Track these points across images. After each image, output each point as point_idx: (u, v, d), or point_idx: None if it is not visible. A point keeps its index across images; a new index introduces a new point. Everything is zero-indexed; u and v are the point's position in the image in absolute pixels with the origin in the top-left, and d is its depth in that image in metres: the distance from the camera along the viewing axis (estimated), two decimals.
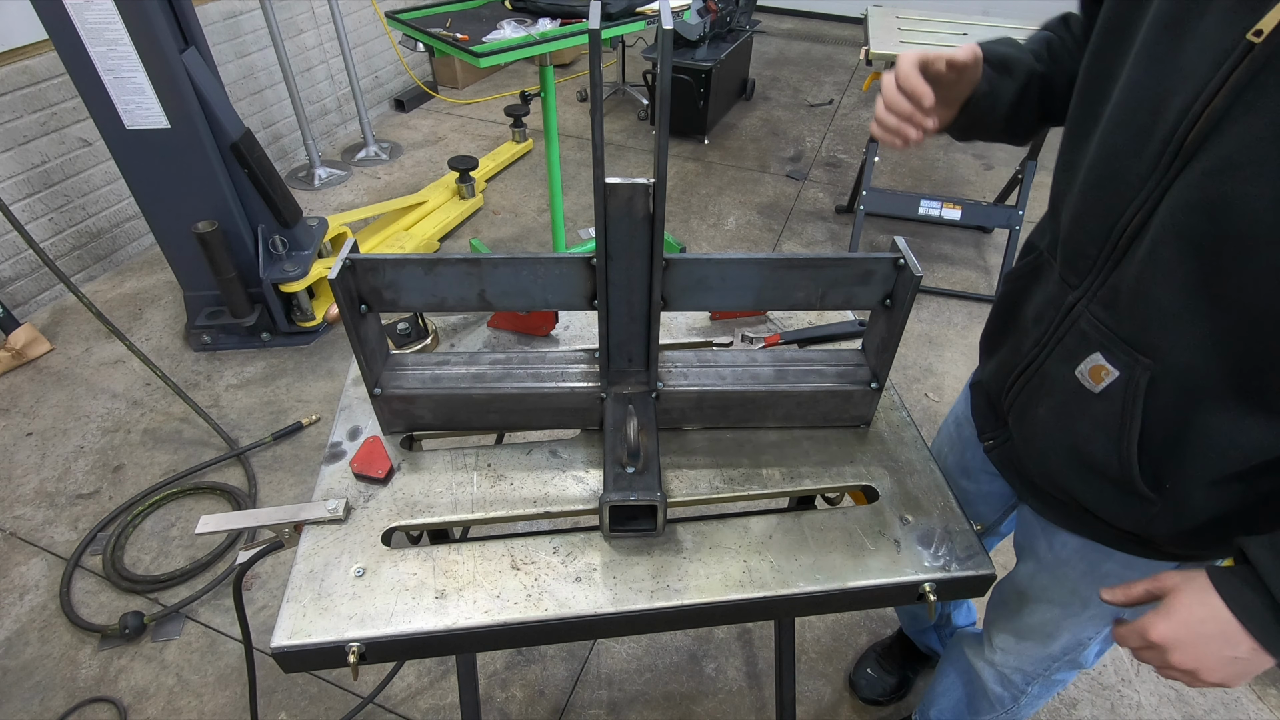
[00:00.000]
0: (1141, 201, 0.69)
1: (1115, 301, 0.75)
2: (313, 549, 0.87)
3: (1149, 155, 0.67)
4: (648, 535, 0.89)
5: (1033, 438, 0.89)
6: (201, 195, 2.29)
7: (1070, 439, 0.83)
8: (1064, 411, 0.83)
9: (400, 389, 0.97)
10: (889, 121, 0.83)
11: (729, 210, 3.56)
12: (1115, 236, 0.73)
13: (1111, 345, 0.75)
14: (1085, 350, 0.78)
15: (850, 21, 5.89)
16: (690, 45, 4.03)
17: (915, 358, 2.70)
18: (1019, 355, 0.90)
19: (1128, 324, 0.74)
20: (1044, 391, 0.85)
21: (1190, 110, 0.63)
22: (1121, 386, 0.75)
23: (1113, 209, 0.72)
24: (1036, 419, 0.87)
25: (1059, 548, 0.97)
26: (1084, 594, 0.97)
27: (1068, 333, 0.81)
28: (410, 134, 4.21)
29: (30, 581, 1.89)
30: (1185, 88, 0.64)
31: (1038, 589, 1.04)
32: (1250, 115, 0.59)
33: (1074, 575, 0.97)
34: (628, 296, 0.90)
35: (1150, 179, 0.68)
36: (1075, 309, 0.79)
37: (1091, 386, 0.78)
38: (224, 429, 2.28)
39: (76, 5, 1.93)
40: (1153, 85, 0.67)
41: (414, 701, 1.69)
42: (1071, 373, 0.80)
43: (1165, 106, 0.66)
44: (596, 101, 0.72)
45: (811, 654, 1.81)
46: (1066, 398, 0.82)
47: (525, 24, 2.34)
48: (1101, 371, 0.76)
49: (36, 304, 2.80)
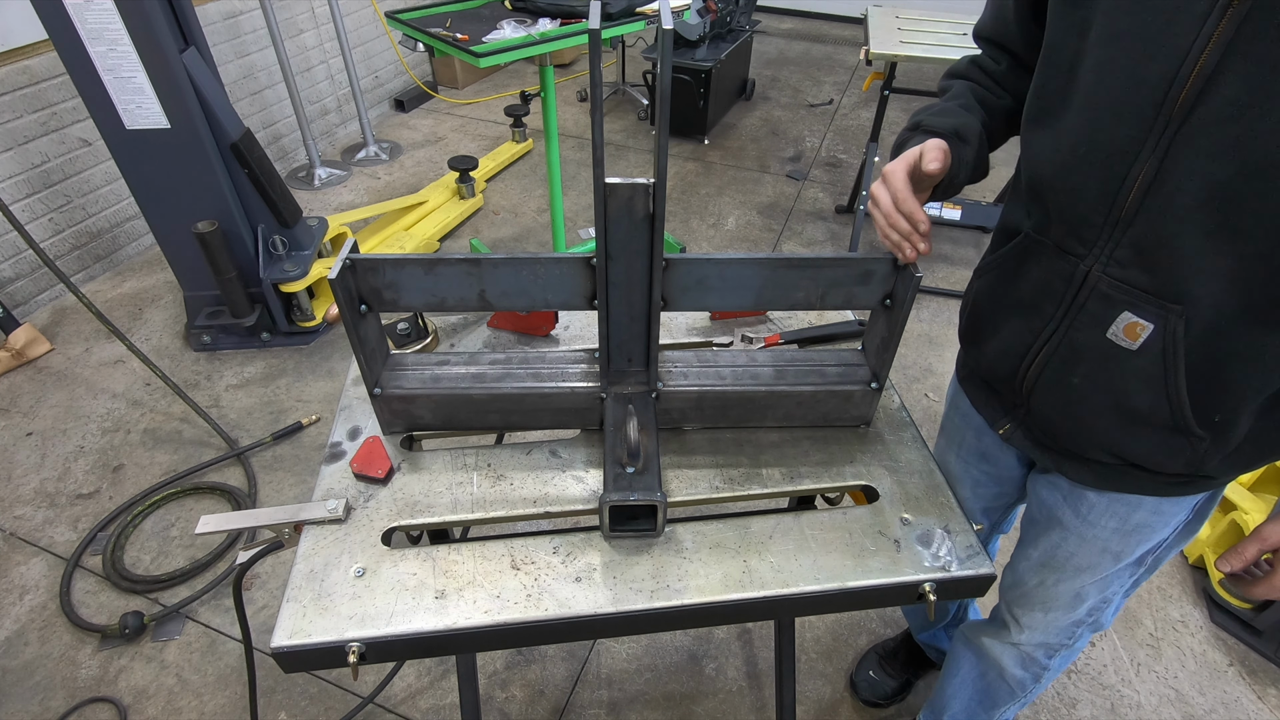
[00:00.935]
0: (1144, 161, 0.72)
1: (1135, 259, 0.77)
2: (313, 549, 0.87)
3: (1140, 120, 0.71)
4: (648, 535, 0.89)
5: (1069, 408, 0.90)
6: (201, 195, 2.29)
7: (1114, 399, 0.84)
8: (1103, 375, 0.84)
9: (400, 389, 0.97)
10: (893, 237, 0.86)
11: (729, 210, 3.56)
12: (1122, 200, 0.75)
13: (1140, 301, 0.78)
14: (1112, 312, 0.80)
15: (850, 21, 5.90)
16: (690, 45, 4.03)
17: (915, 358, 2.70)
18: (1030, 334, 0.90)
19: (1153, 277, 0.76)
20: (1075, 360, 0.86)
21: (1179, 73, 0.67)
22: (1159, 338, 0.77)
23: (1112, 176, 0.75)
24: (1071, 388, 0.88)
25: (1087, 510, 0.99)
26: (1115, 549, 1.00)
27: (1088, 299, 0.82)
28: (410, 134, 4.21)
29: (30, 581, 1.89)
30: (1164, 53, 0.68)
31: (1064, 557, 1.05)
32: (1247, 62, 0.64)
33: (1104, 534, 0.99)
34: (628, 296, 0.90)
35: (1149, 140, 0.71)
36: (1090, 276, 0.81)
37: (1128, 344, 0.80)
38: (224, 429, 2.28)
39: (76, 5, 1.93)
40: (1128, 57, 0.71)
41: (414, 701, 1.69)
42: (1103, 336, 0.82)
43: (1147, 73, 0.69)
44: (596, 101, 0.72)
45: (811, 654, 1.81)
46: (1103, 361, 0.83)
47: (525, 24, 2.34)
48: (1137, 328, 0.79)
49: (36, 304, 2.80)
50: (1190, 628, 1.88)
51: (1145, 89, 0.70)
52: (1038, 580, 1.11)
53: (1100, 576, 1.04)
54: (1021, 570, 1.15)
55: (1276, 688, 1.76)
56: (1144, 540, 0.99)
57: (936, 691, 1.48)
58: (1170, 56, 0.67)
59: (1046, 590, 1.11)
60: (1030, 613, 1.15)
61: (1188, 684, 1.76)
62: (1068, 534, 1.03)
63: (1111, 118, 0.73)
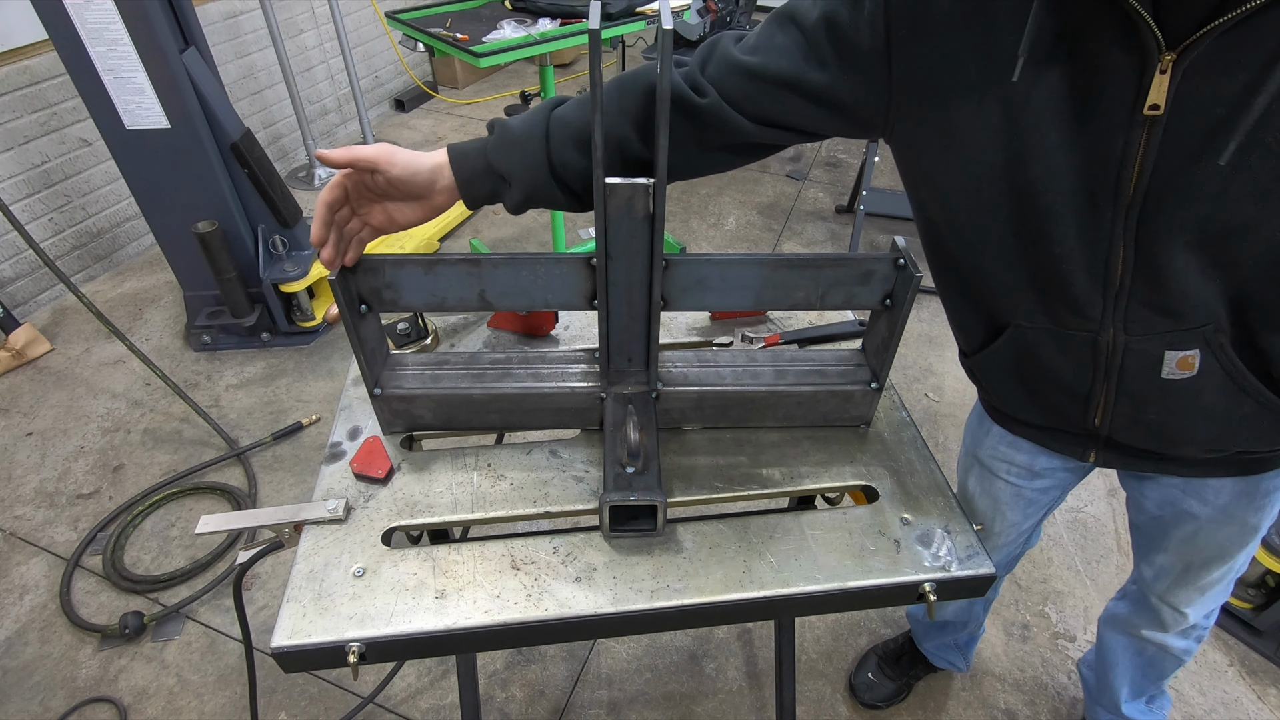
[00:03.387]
0: (1120, 242, 0.73)
1: (1150, 314, 0.78)
2: (313, 549, 0.87)
3: (1102, 215, 0.72)
4: (648, 535, 0.89)
5: (1153, 437, 0.91)
6: (201, 195, 2.29)
7: (1202, 413, 0.85)
8: (1178, 406, 0.85)
9: (400, 389, 0.97)
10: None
11: (729, 210, 3.56)
12: (1113, 278, 0.76)
13: (1177, 340, 0.78)
14: (1155, 358, 0.81)
15: None
16: (690, 45, 4.02)
17: (915, 358, 2.70)
18: (1079, 393, 0.90)
19: (1176, 318, 0.77)
20: (1142, 404, 0.86)
21: (1121, 173, 0.69)
22: (1213, 357, 0.78)
23: (1094, 263, 0.76)
24: (1150, 421, 0.88)
25: (1215, 496, 1.01)
26: (1254, 521, 1.03)
27: (1124, 358, 0.82)
28: (410, 134, 4.21)
29: (30, 581, 1.89)
30: (1102, 159, 0.70)
31: (1204, 544, 1.07)
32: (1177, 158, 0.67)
33: (1242, 512, 1.01)
34: (628, 296, 0.90)
35: (1116, 226, 0.72)
36: (1114, 340, 0.81)
37: (1187, 374, 0.81)
38: (224, 429, 2.28)
39: (76, 5, 1.93)
40: (1067, 165, 0.71)
41: (414, 701, 1.69)
42: (1158, 378, 0.82)
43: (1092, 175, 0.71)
44: (597, 101, 0.72)
45: (811, 654, 1.81)
46: (1171, 397, 0.84)
47: (525, 24, 2.34)
48: (1189, 359, 0.79)
49: (36, 304, 2.80)
50: None
51: (1101, 188, 0.71)
52: (1184, 570, 1.14)
53: (1246, 547, 1.07)
54: (1162, 565, 1.16)
55: (1276, 688, 1.76)
56: (1276, 502, 1.01)
57: (1098, 689, 1.50)
58: (1110, 159, 0.69)
59: (1199, 578, 1.13)
60: (1190, 600, 1.18)
61: (1188, 684, 1.76)
62: (1203, 524, 1.04)
63: (1076, 219, 0.74)
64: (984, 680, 1.76)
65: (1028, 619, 1.88)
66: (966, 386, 2.53)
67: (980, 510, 1.24)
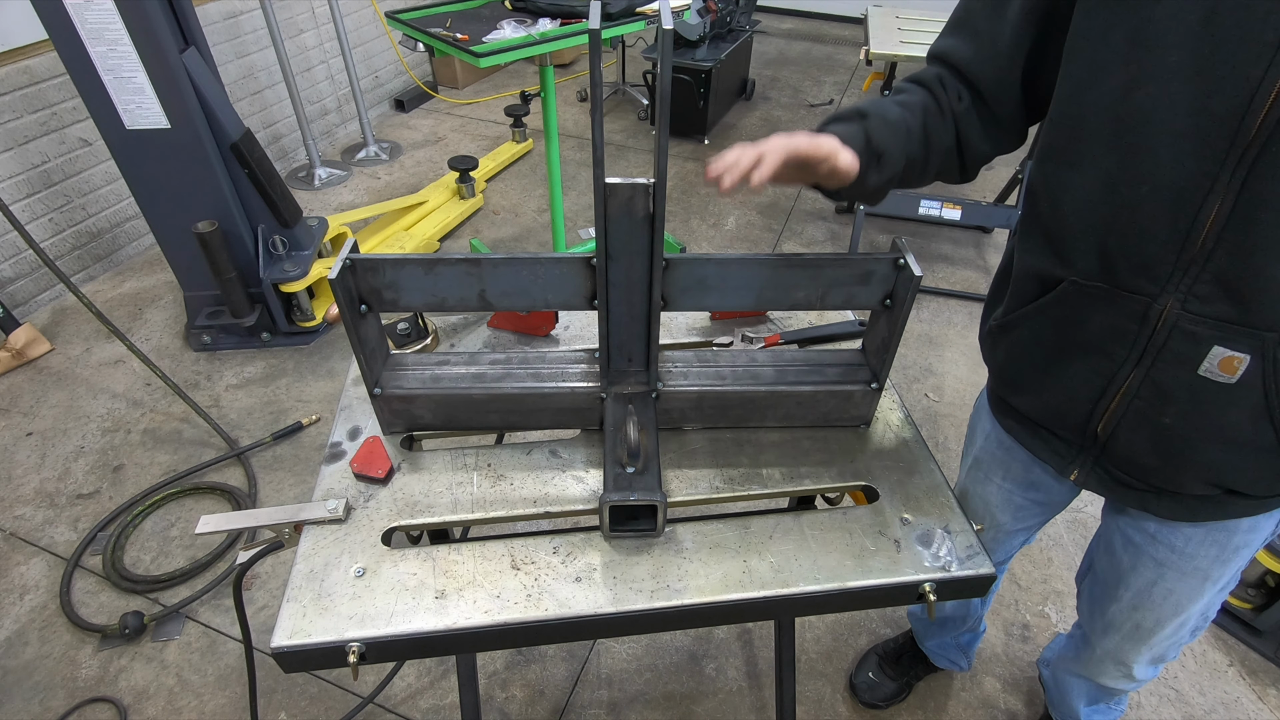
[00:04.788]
0: (1219, 195, 0.69)
1: (1219, 293, 0.73)
2: (313, 549, 0.87)
3: (1210, 154, 0.68)
4: (648, 535, 0.89)
5: (1160, 447, 0.86)
6: (201, 195, 2.29)
7: (1219, 433, 0.81)
8: (1200, 412, 0.81)
9: (400, 389, 0.97)
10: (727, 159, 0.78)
11: (729, 210, 3.56)
12: (1196, 236, 0.72)
13: (1232, 335, 0.74)
14: (1200, 349, 0.76)
15: (850, 21, 5.89)
16: (690, 45, 4.03)
17: (915, 358, 2.70)
18: (1099, 379, 0.86)
19: (1242, 309, 0.73)
20: (1164, 401, 0.82)
21: (1252, 105, 0.64)
22: (1259, 367, 0.74)
23: (1183, 213, 0.71)
24: (1162, 429, 0.84)
25: (1183, 544, 0.98)
26: (1215, 574, 1.00)
27: (1168, 339, 0.78)
28: (410, 134, 4.21)
29: (30, 581, 1.89)
30: (1233, 85, 0.65)
31: (1163, 594, 1.04)
32: None
33: (1205, 563, 0.98)
34: (628, 296, 0.90)
35: (1222, 175, 0.68)
36: (1168, 314, 0.77)
37: (1226, 379, 0.77)
38: (224, 429, 2.28)
39: (76, 5, 1.93)
40: (1191, 91, 0.67)
41: (414, 701, 1.69)
42: (1193, 374, 0.78)
43: (1215, 106, 0.66)
44: (596, 101, 0.72)
45: (811, 654, 1.81)
46: (1198, 399, 0.80)
47: (525, 24, 2.34)
48: (1234, 362, 0.75)
49: (36, 304, 2.80)
50: None
51: (1214, 122, 0.66)
52: (1134, 623, 1.11)
53: (1203, 601, 1.03)
54: (1114, 614, 1.13)
55: (1276, 688, 1.76)
56: (1242, 559, 0.98)
57: (1057, 697, 1.50)
58: (1239, 88, 0.64)
59: (1148, 630, 1.10)
60: (1139, 655, 1.16)
61: (1188, 684, 1.76)
62: (1165, 570, 1.01)
63: (1175, 156, 0.70)
64: (984, 680, 1.76)
65: (1028, 619, 1.88)
66: (967, 386, 2.53)
67: (972, 510, 1.24)
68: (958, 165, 0.93)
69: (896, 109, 0.87)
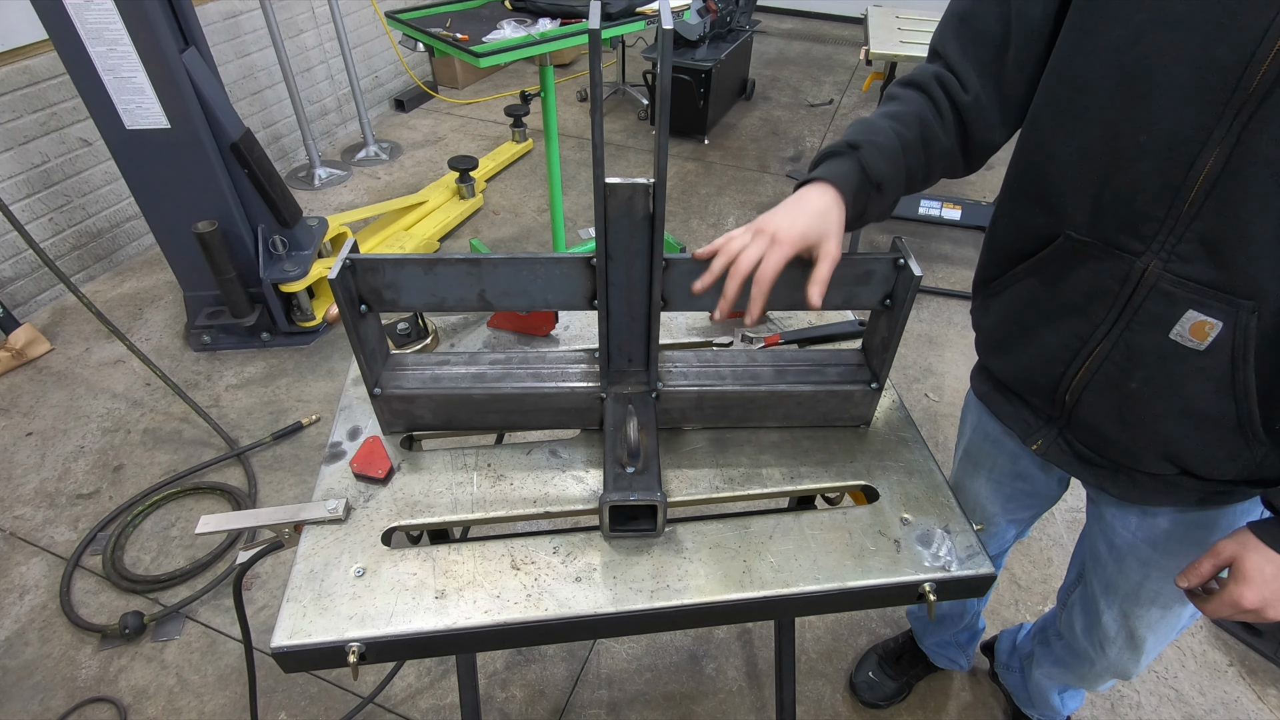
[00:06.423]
0: (1214, 149, 0.68)
1: (1201, 253, 0.73)
2: (313, 549, 0.87)
3: (1209, 106, 0.67)
4: (648, 535, 0.89)
5: (1123, 414, 0.86)
6: (201, 195, 2.29)
7: (1180, 402, 0.81)
8: (1164, 378, 0.80)
9: (400, 389, 0.97)
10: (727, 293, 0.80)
11: (729, 210, 3.56)
12: (1187, 191, 0.71)
13: (1207, 299, 0.74)
14: (1176, 311, 0.76)
15: (850, 21, 5.89)
16: (690, 45, 4.03)
17: (915, 358, 2.70)
18: (1075, 340, 0.86)
19: (1222, 272, 0.72)
20: (1133, 364, 0.82)
21: (1255, 55, 0.64)
22: (1229, 336, 0.74)
23: (1176, 166, 0.71)
24: (1128, 394, 0.84)
25: (1164, 540, 0.98)
26: None
27: (1147, 299, 0.78)
28: (410, 134, 4.21)
29: (30, 581, 1.89)
30: (1236, 35, 0.64)
31: (1150, 597, 1.05)
32: None
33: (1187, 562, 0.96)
34: (628, 296, 0.90)
35: (1218, 127, 0.67)
36: (1149, 274, 0.76)
37: (1195, 345, 0.76)
38: (224, 429, 2.28)
39: (76, 5, 1.93)
40: (1193, 41, 0.67)
41: (414, 701, 1.69)
42: (1165, 337, 0.78)
43: (1217, 56, 0.66)
44: (596, 101, 0.72)
45: (811, 654, 1.81)
46: (1164, 364, 0.79)
47: (525, 24, 2.34)
48: (1205, 327, 0.75)
49: (36, 304, 2.80)
50: (1190, 628, 1.88)
51: (1215, 73, 0.66)
52: (1128, 632, 1.11)
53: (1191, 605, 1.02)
54: (1107, 625, 1.13)
55: (1276, 688, 1.76)
56: None
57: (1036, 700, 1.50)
58: (1243, 38, 0.64)
59: (1142, 639, 1.10)
60: (1138, 664, 1.15)
61: (1188, 684, 1.76)
62: (1150, 570, 1.02)
63: (1174, 105, 0.69)
64: (984, 680, 1.76)
65: (1028, 619, 1.88)
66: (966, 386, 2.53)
67: (964, 501, 1.24)
68: (961, 162, 0.93)
69: (890, 128, 0.86)
